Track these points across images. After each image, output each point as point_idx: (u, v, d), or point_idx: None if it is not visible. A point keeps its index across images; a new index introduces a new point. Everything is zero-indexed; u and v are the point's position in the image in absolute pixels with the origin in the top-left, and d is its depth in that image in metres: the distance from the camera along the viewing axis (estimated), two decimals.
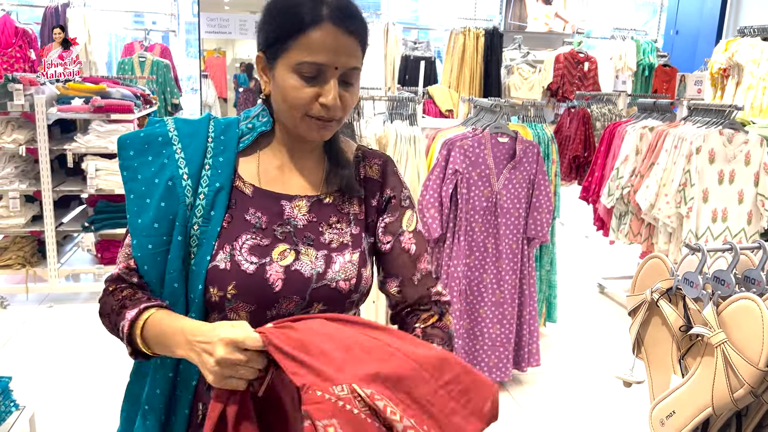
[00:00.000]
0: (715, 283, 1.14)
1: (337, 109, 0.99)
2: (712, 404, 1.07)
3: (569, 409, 3.00)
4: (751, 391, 1.02)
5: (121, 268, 1.04)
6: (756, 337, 1.01)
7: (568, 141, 5.11)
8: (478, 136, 2.97)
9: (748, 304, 1.05)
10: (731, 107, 3.58)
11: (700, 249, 1.17)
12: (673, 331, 1.19)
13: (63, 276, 4.07)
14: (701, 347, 1.12)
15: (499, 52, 6.69)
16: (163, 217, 1.01)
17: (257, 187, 1.06)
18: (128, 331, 0.97)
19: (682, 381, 1.14)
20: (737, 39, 6.05)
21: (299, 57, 0.96)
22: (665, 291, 1.22)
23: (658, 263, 1.26)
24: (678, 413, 1.13)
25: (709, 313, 1.10)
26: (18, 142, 3.76)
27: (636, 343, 1.28)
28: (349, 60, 0.98)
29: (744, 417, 1.15)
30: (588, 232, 5.75)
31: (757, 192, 3.60)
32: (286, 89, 0.99)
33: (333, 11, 0.96)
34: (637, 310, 1.26)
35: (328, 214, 1.07)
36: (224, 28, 6.57)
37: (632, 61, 6.92)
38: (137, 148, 1.05)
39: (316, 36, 0.95)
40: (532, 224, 3.06)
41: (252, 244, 1.01)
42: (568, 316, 4.09)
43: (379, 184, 1.13)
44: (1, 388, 2.48)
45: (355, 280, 1.05)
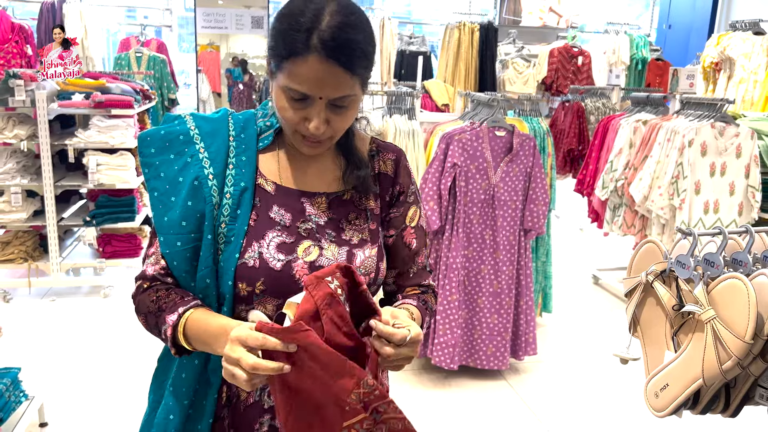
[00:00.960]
0: (706, 265, 1.22)
1: (324, 133, 1.01)
2: (702, 376, 1.15)
3: (565, 396, 3.08)
4: (738, 363, 1.11)
5: (156, 270, 1.07)
6: (742, 313, 1.09)
7: (563, 135, 5.17)
8: (476, 130, 3.03)
9: (735, 283, 1.13)
10: (722, 101, 3.65)
11: (692, 233, 1.25)
12: (667, 310, 1.26)
13: (64, 270, 4.11)
14: (692, 324, 1.20)
15: (494, 47, 6.75)
16: (191, 215, 1.04)
17: (279, 184, 1.10)
18: (172, 335, 1.01)
19: (674, 356, 1.22)
20: (729, 33, 6.12)
21: (287, 81, 0.98)
22: (659, 273, 1.30)
23: (652, 247, 1.34)
24: (671, 386, 1.21)
25: (700, 292, 1.18)
26: (19, 137, 3.80)
27: (632, 323, 1.36)
28: (336, 91, 0.97)
29: (732, 388, 1.24)
30: (583, 225, 5.83)
31: (748, 184, 3.68)
32: (278, 107, 1.02)
33: (323, 42, 0.94)
34: (633, 291, 1.35)
35: (347, 211, 1.12)
36: (220, 23, 6.59)
37: (625, 56, 6.99)
38: (158, 145, 1.08)
39: (302, 66, 0.95)
40: (529, 216, 3.13)
41: (279, 242, 1.05)
42: (564, 306, 4.17)
43: (391, 180, 1.17)
44: (11, 379, 2.53)
45: (374, 274, 1.10)
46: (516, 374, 3.27)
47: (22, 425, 2.47)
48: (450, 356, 3.06)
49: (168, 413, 1.10)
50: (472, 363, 3.15)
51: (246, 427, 1.10)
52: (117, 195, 4.06)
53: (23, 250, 4.02)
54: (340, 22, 0.95)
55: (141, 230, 4.34)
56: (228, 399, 1.10)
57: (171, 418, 1.10)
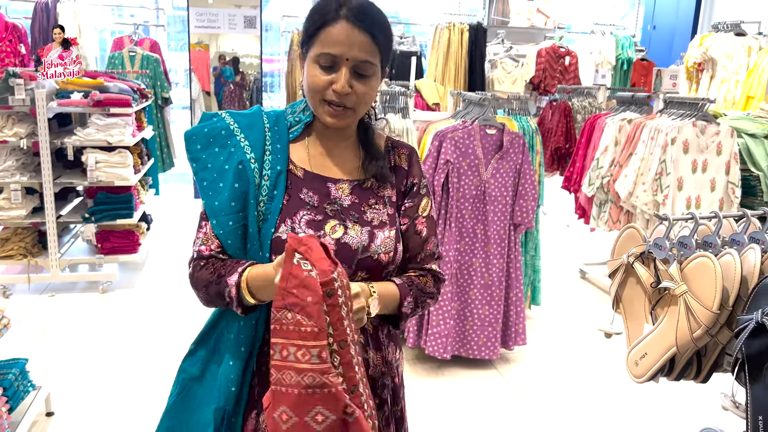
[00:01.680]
0: (680, 246, 1.36)
1: (347, 96, 1.15)
2: (676, 344, 1.28)
3: (553, 384, 3.20)
4: (707, 331, 1.24)
5: (212, 250, 1.19)
6: (710, 287, 1.23)
7: (550, 133, 5.30)
8: (468, 128, 3.15)
9: (704, 260, 1.27)
10: (704, 100, 3.79)
11: (667, 218, 1.38)
12: (646, 287, 1.40)
13: (63, 266, 4.18)
14: (668, 299, 1.33)
15: (483, 47, 6.87)
16: (239, 196, 1.18)
17: (307, 170, 1.23)
18: (236, 293, 1.12)
19: (652, 328, 1.35)
20: (711, 34, 6.29)
21: (319, 49, 1.14)
22: (639, 255, 1.44)
23: (633, 232, 1.48)
24: (649, 354, 1.34)
25: (674, 269, 1.31)
26: (19, 135, 3.86)
27: (615, 300, 1.49)
28: (360, 53, 1.13)
29: (703, 357, 1.37)
30: (570, 221, 5.97)
31: (728, 180, 3.83)
32: (308, 77, 1.17)
33: (350, 10, 1.13)
34: (616, 272, 1.49)
35: (368, 197, 1.25)
36: (213, 22, 6.66)
37: (611, 56, 7.14)
38: (203, 142, 1.22)
39: (333, 31, 1.13)
40: (518, 211, 3.25)
41: (308, 219, 1.19)
42: (552, 299, 4.30)
43: (405, 172, 1.30)
44: (19, 369, 2.61)
45: (392, 253, 1.23)
46: (506, 363, 3.39)
47: (30, 414, 2.55)
48: (443, 346, 3.18)
49: (221, 392, 1.21)
50: (464, 353, 3.27)
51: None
52: (115, 192, 4.13)
53: (22, 246, 4.08)
54: (365, 1, 1.16)
55: (138, 227, 4.41)
56: (257, 367, 1.22)
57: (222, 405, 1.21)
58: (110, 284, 4.23)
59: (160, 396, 3.04)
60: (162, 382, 3.08)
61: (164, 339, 3.51)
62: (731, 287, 1.23)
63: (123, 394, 2.95)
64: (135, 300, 4.07)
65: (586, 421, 2.88)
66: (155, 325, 3.70)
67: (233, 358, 1.21)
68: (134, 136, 4.18)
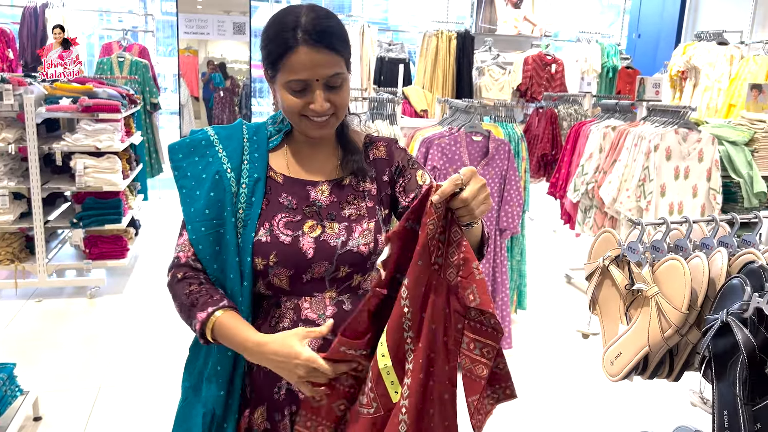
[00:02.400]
0: (652, 250, 1.41)
1: (327, 111, 1.19)
2: (648, 344, 1.33)
3: (538, 387, 3.25)
4: (677, 331, 1.30)
5: (188, 256, 1.24)
6: (680, 289, 1.28)
7: (537, 140, 5.37)
8: (454, 134, 3.20)
9: (674, 264, 1.32)
10: (686, 108, 3.86)
11: (640, 223, 1.44)
12: (620, 289, 1.45)
13: (51, 271, 4.18)
14: (641, 300, 1.38)
15: (471, 54, 6.94)
16: (213, 204, 1.22)
17: (286, 176, 1.28)
18: (200, 330, 1.18)
19: (626, 328, 1.40)
20: (694, 43, 6.40)
21: (287, 77, 1.16)
22: (614, 258, 1.49)
23: (608, 237, 1.53)
24: (623, 354, 1.39)
25: (647, 272, 1.36)
26: (7, 140, 3.86)
27: (591, 302, 1.54)
28: (328, 70, 1.16)
29: (675, 356, 1.42)
30: (555, 226, 6.03)
31: (710, 187, 3.90)
32: (283, 102, 1.20)
33: (307, 33, 1.14)
34: (593, 274, 1.54)
35: (346, 194, 1.29)
36: (203, 29, 6.69)
37: (597, 64, 7.24)
38: (184, 151, 1.27)
39: (295, 58, 1.14)
40: (504, 216, 3.30)
41: (286, 221, 1.23)
42: (537, 303, 4.35)
43: (386, 161, 1.34)
44: (7, 374, 2.62)
45: (373, 244, 1.26)
46: None
47: (18, 419, 2.56)
48: None
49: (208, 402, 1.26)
50: None
51: (266, 391, 1.25)
52: (104, 197, 4.14)
53: (9, 251, 4.08)
54: (316, 16, 1.16)
55: (127, 232, 4.42)
56: (248, 367, 1.26)
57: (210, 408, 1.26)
58: (98, 289, 4.23)
59: (148, 401, 3.06)
60: (149, 386, 3.10)
61: (152, 344, 3.52)
62: (699, 289, 1.28)
63: (110, 398, 2.96)
64: (123, 305, 4.08)
65: (569, 423, 2.92)
66: (143, 331, 3.71)
67: (220, 362, 1.25)
68: (123, 142, 4.20)
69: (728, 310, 1.15)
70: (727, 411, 1.10)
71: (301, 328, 1.17)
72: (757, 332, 1.12)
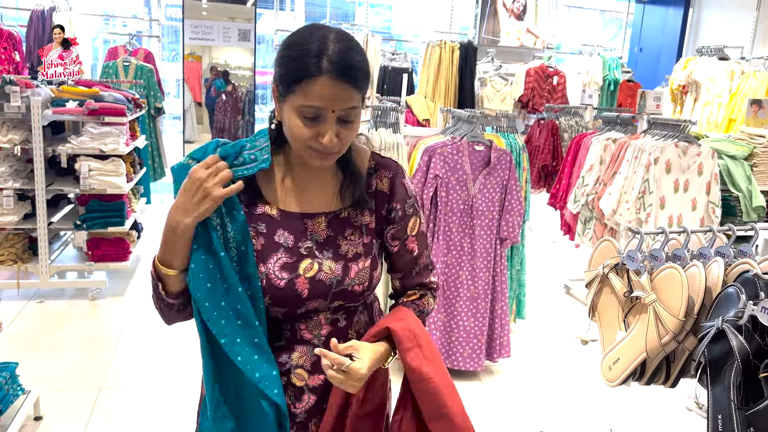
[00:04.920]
0: (651, 258, 1.44)
1: (335, 146, 1.13)
2: (646, 350, 1.36)
3: (536, 396, 3.27)
4: (674, 338, 1.32)
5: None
6: (677, 297, 1.31)
7: (538, 151, 5.40)
8: (457, 144, 3.23)
9: (672, 272, 1.35)
10: (686, 122, 3.90)
11: (639, 232, 1.47)
12: (619, 296, 1.48)
13: (53, 272, 4.20)
14: (639, 307, 1.41)
15: (473, 65, 7.00)
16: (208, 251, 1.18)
17: (283, 210, 1.23)
18: (155, 273, 1.18)
19: (624, 335, 1.43)
20: (696, 58, 6.45)
21: (301, 101, 1.10)
22: (614, 266, 1.51)
23: (608, 245, 1.56)
24: (621, 360, 1.41)
25: (645, 280, 1.39)
26: (13, 142, 3.90)
27: (591, 309, 1.57)
28: (346, 104, 1.11)
29: (672, 362, 1.45)
30: (555, 237, 6.06)
31: (709, 200, 3.93)
32: (291, 126, 1.14)
33: (332, 65, 1.08)
34: (592, 282, 1.56)
35: (344, 228, 1.25)
36: (208, 35, 6.75)
37: (598, 77, 7.29)
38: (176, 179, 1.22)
39: (316, 86, 1.08)
40: (505, 226, 3.33)
41: (282, 263, 1.20)
42: (536, 313, 4.37)
43: (387, 197, 1.29)
44: (9, 373, 2.64)
45: (367, 283, 1.25)
46: (490, 375, 3.45)
47: (19, 418, 2.57)
48: None
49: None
50: (449, 364, 3.33)
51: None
52: (107, 200, 4.17)
53: (13, 252, 4.10)
54: (344, 47, 1.11)
55: (129, 235, 4.45)
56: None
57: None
58: (100, 291, 4.25)
59: (148, 402, 3.08)
60: (149, 388, 3.11)
61: (152, 347, 3.54)
62: (696, 297, 1.31)
63: (110, 399, 2.98)
64: (124, 307, 4.10)
65: (567, 430, 2.94)
66: (144, 333, 3.73)
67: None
68: (128, 145, 4.23)
69: (724, 318, 1.18)
70: (721, 415, 1.12)
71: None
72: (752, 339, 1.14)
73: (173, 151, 7.01)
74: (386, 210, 1.29)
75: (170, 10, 10.19)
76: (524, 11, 7.66)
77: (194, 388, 3.08)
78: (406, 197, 1.31)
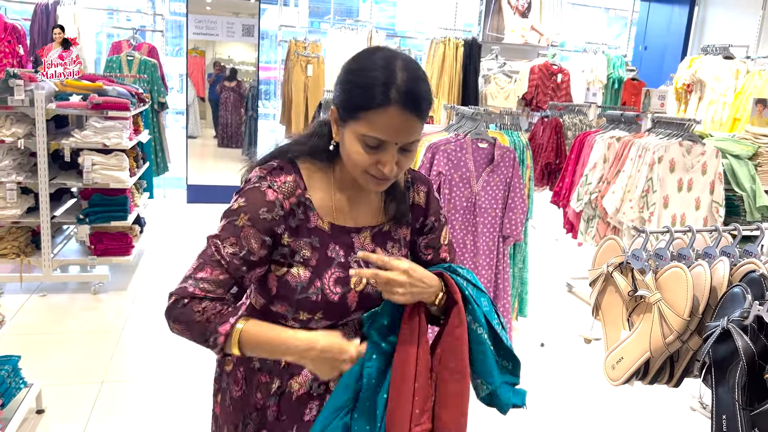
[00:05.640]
0: (656, 257, 1.44)
1: (394, 174, 1.14)
2: (650, 349, 1.36)
3: (536, 393, 3.26)
4: (678, 337, 1.32)
5: (208, 294, 1.13)
6: (682, 296, 1.31)
7: (541, 149, 5.39)
8: (460, 141, 3.22)
9: (677, 271, 1.35)
10: (690, 121, 3.89)
11: (644, 231, 1.46)
12: (623, 295, 1.47)
13: (56, 266, 4.21)
14: (643, 306, 1.41)
15: (477, 62, 6.98)
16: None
17: (333, 223, 1.24)
18: (223, 342, 1.12)
19: (628, 334, 1.42)
20: (700, 56, 6.43)
21: (365, 130, 1.09)
22: (618, 265, 1.51)
23: (613, 244, 1.55)
24: (625, 359, 1.41)
25: (650, 279, 1.39)
26: (16, 135, 3.90)
27: (594, 307, 1.57)
28: (410, 137, 1.12)
29: (676, 362, 1.44)
30: (558, 235, 6.05)
31: (712, 199, 3.92)
32: (350, 152, 1.13)
33: (402, 96, 1.07)
34: (596, 281, 1.56)
35: (385, 241, 1.29)
36: (211, 30, 6.74)
37: (603, 75, 7.27)
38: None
39: (383, 116, 1.07)
40: (508, 223, 3.32)
41: (336, 278, 1.22)
42: (538, 311, 4.37)
43: (423, 210, 1.33)
44: (12, 366, 2.64)
45: None
46: None
47: (21, 411, 2.58)
48: None
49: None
50: None
51: (296, 414, 1.26)
52: (110, 194, 4.17)
53: (16, 245, 4.11)
54: (412, 77, 1.10)
55: (132, 229, 4.45)
56: (278, 389, 1.27)
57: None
58: (102, 285, 4.26)
59: (149, 396, 3.08)
60: (151, 382, 3.12)
61: (154, 341, 3.55)
62: (701, 296, 1.31)
63: (112, 393, 2.98)
64: (126, 301, 4.11)
65: (569, 429, 2.94)
66: (146, 327, 3.73)
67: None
68: (131, 140, 4.23)
69: (729, 318, 1.18)
70: (726, 415, 1.12)
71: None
72: (757, 339, 1.14)
73: (176, 146, 7.00)
74: (420, 223, 1.34)
75: (174, 4, 10.20)
76: (529, 8, 7.63)
77: (196, 381, 3.09)
78: (438, 209, 1.37)
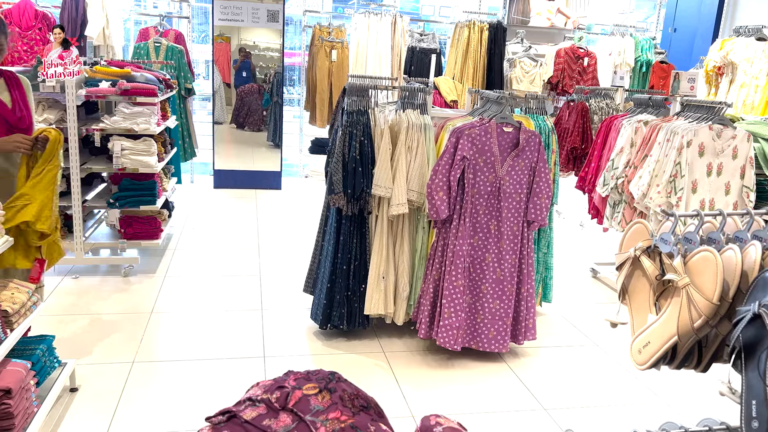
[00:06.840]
0: (685, 242, 1.43)
1: None
2: (677, 334, 1.35)
3: (561, 379, 3.26)
4: (707, 322, 1.31)
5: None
6: (711, 280, 1.30)
7: (567, 133, 5.34)
8: (485, 125, 3.21)
9: (707, 255, 1.34)
10: (721, 104, 3.82)
11: (673, 214, 1.45)
12: (651, 279, 1.47)
13: (87, 249, 4.30)
14: (671, 290, 1.40)
15: (502, 46, 6.91)
16: None
17: None
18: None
19: (655, 318, 1.42)
20: (732, 38, 6.27)
21: None
22: (646, 249, 1.50)
23: (641, 227, 1.54)
24: (652, 343, 1.41)
25: (678, 263, 1.38)
26: (48, 121, 3.98)
27: (621, 291, 1.56)
28: None
29: (704, 347, 1.44)
30: (583, 220, 6.00)
31: (743, 184, 3.85)
32: None
33: None
34: (624, 264, 1.55)
35: None
36: (237, 15, 6.77)
37: (630, 58, 7.15)
38: None
39: None
40: (532, 208, 3.31)
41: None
42: (563, 296, 4.35)
43: None
44: (47, 345, 2.72)
45: None
46: (515, 357, 3.46)
47: (56, 389, 2.66)
48: (454, 338, 3.25)
49: None
50: (474, 345, 3.34)
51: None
52: (139, 179, 4.25)
53: None
54: None
55: (161, 213, 4.52)
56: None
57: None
58: (132, 268, 4.35)
59: (177, 375, 3.15)
60: (180, 362, 3.19)
61: (183, 322, 3.62)
62: (732, 281, 1.30)
63: (143, 372, 3.06)
64: (156, 284, 4.19)
65: (593, 413, 2.94)
66: (175, 309, 3.81)
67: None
68: (159, 125, 4.29)
69: (761, 302, 1.17)
70: (755, 401, 1.12)
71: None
72: None
73: (202, 131, 7.08)
74: None
75: None
76: None
77: (224, 362, 3.15)
78: None
